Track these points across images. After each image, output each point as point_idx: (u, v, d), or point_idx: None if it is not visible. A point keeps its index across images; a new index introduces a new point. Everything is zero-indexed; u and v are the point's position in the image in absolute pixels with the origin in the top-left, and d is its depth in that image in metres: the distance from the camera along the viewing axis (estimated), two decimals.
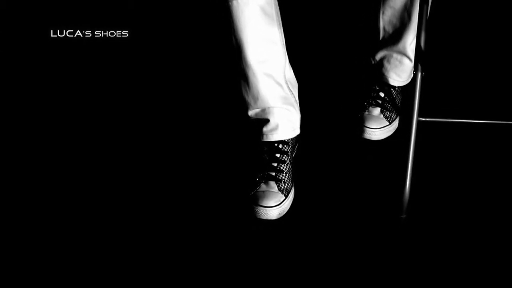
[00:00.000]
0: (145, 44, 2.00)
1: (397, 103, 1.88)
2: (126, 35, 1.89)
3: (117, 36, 1.88)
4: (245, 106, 1.70)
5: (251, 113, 1.70)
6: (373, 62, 1.87)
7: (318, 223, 1.63)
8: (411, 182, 1.60)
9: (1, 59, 1.91)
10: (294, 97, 1.72)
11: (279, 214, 1.64)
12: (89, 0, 2.04)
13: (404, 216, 1.62)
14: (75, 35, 1.91)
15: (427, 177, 1.70)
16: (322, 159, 1.79)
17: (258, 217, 1.62)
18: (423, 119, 1.60)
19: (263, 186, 1.66)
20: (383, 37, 1.83)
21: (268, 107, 1.67)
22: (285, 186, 1.67)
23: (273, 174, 1.67)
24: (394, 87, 1.88)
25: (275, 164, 1.68)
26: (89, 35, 1.90)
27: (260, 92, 1.65)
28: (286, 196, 1.66)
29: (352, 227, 1.61)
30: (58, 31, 1.91)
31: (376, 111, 1.85)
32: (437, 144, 1.80)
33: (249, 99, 1.67)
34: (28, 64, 1.94)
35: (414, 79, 1.61)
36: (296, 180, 1.71)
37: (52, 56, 1.94)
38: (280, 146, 1.70)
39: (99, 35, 1.90)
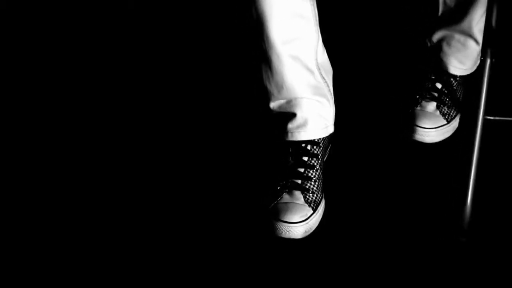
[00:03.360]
0: (145, 44, 2.03)
1: (458, 96, 1.74)
2: (125, 35, 2.02)
3: (116, 36, 2.01)
4: (267, 97, 1.59)
5: (273, 105, 1.59)
6: (429, 44, 1.74)
7: (354, 246, 1.54)
8: (473, 197, 1.52)
9: (0, 59, 2.01)
10: (328, 86, 1.60)
11: (305, 232, 1.52)
12: (89, 0, 2.15)
13: (465, 239, 1.53)
14: (75, 35, 2.02)
15: (494, 190, 1.61)
16: (361, 166, 1.71)
17: (279, 235, 1.51)
18: (491, 117, 1.53)
19: (286, 197, 1.55)
20: (443, 13, 1.70)
21: (295, 98, 1.57)
22: (314, 198, 1.56)
23: (299, 182, 1.56)
24: (455, 76, 1.73)
25: (302, 170, 1.57)
26: (89, 35, 2.02)
27: (285, 80, 1.55)
28: (314, 210, 1.54)
29: (398, 253, 1.52)
30: (58, 31, 2.02)
31: (431, 106, 1.70)
32: (508, 149, 1.71)
33: (272, 88, 1.57)
34: (28, 64, 1.98)
35: (481, 67, 1.54)
36: (328, 191, 1.61)
37: (51, 56, 2.00)
38: (309, 147, 1.59)
39: (99, 35, 2.03)
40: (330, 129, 1.61)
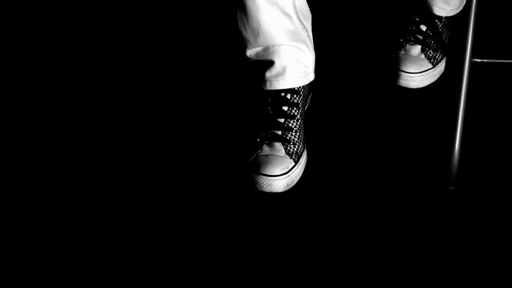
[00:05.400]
0: (145, 44, 2.04)
1: (444, 39, 1.73)
2: (126, 35, 2.04)
3: (116, 36, 2.04)
4: (243, 44, 1.57)
5: (250, 52, 1.57)
6: None
7: (339, 199, 1.53)
8: (461, 144, 1.50)
9: (1, 59, 2.03)
10: (307, 31, 1.58)
11: (288, 185, 1.52)
12: (89, 0, 2.19)
13: (453, 188, 1.52)
14: (75, 35, 2.04)
15: (482, 137, 1.61)
16: (344, 114, 1.70)
17: (260, 189, 1.50)
18: (478, 60, 1.50)
19: (266, 149, 1.54)
20: None
21: (273, 45, 1.55)
22: (295, 149, 1.54)
23: (279, 133, 1.55)
24: (440, 18, 1.71)
25: (282, 120, 1.56)
26: (89, 35, 2.05)
27: (261, 25, 1.53)
28: (296, 162, 1.53)
29: (384, 204, 1.51)
30: (58, 31, 2.05)
31: (416, 50, 1.69)
32: (496, 93, 1.70)
33: (248, 35, 1.55)
34: (28, 64, 1.99)
35: (467, 7, 1.50)
36: (310, 141, 1.60)
37: (51, 56, 2.01)
38: (289, 96, 1.57)
39: (99, 34, 2.05)
40: (311, 77, 1.58)
